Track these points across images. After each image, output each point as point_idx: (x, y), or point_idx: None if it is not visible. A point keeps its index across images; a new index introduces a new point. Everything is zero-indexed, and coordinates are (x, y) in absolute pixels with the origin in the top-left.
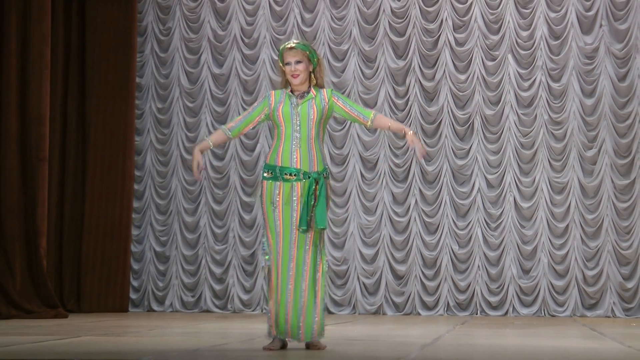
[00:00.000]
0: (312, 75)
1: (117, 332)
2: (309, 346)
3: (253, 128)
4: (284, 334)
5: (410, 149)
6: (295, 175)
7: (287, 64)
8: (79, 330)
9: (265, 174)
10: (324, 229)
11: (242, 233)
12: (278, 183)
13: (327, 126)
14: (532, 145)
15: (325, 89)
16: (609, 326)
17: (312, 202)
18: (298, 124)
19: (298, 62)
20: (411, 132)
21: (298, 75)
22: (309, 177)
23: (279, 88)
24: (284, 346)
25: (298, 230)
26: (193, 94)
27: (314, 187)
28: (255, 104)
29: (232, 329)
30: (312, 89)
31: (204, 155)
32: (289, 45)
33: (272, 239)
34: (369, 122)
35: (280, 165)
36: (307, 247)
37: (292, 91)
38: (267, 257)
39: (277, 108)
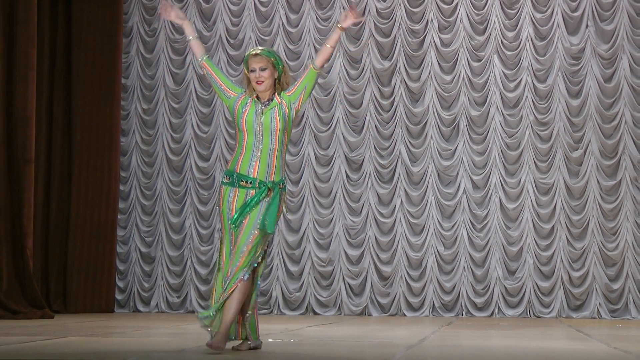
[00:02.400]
0: (277, 83)
1: (103, 332)
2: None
3: (213, 85)
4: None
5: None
6: (251, 183)
7: (252, 70)
8: (65, 330)
9: (224, 179)
10: (269, 234)
11: None
12: (234, 189)
13: (313, 127)
14: (518, 146)
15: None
16: (594, 327)
17: (264, 206)
18: (261, 134)
19: (263, 69)
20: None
21: (262, 82)
22: (264, 186)
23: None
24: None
25: (260, 230)
26: (178, 95)
27: (266, 193)
28: (233, 81)
29: None
30: (277, 95)
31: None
32: (253, 52)
33: (224, 241)
34: (312, 65)
35: (238, 172)
36: (245, 248)
37: (257, 97)
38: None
39: (241, 114)
